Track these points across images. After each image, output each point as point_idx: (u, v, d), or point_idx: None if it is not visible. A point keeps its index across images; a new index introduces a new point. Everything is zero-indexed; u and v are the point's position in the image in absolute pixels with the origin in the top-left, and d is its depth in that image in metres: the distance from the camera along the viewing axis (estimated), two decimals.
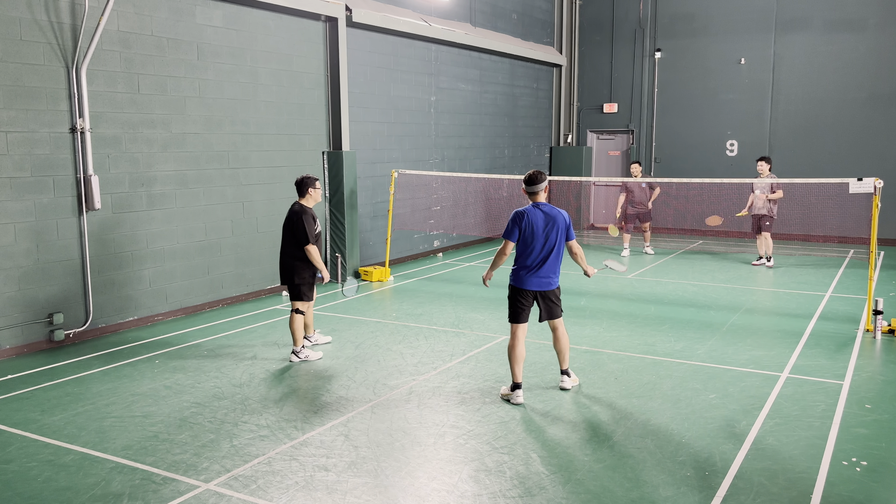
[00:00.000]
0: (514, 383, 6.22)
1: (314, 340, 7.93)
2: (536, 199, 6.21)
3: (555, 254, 6.16)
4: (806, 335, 8.29)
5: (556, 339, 6.47)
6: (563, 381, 6.53)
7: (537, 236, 6.09)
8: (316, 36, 11.18)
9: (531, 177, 6.18)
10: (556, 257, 6.19)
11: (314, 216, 7.46)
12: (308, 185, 7.40)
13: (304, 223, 7.21)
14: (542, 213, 6.14)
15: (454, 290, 10.97)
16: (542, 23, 17.76)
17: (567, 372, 6.55)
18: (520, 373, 6.22)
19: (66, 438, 5.55)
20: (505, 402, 6.23)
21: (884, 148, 15.17)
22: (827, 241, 15.37)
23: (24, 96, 7.65)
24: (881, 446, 5.29)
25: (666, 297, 10.41)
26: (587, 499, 4.56)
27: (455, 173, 13.26)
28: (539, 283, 6.18)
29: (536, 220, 6.10)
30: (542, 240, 6.10)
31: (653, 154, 17.70)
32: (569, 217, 6.29)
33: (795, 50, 15.88)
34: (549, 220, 6.12)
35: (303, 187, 7.41)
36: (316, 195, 7.47)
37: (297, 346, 7.45)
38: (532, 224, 6.09)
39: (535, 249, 6.11)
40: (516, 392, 6.18)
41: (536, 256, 6.12)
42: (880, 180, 8.43)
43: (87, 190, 8.21)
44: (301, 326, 7.44)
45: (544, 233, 6.10)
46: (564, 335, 6.48)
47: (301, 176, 7.49)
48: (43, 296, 7.96)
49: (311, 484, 4.78)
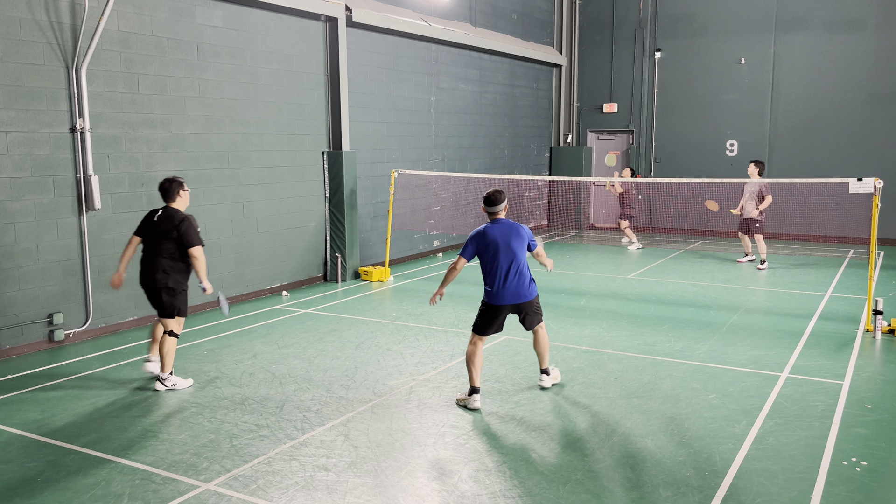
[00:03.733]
0: (472, 388, 6.17)
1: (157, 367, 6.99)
2: (496, 218, 6.27)
3: (521, 267, 6.18)
4: (806, 335, 8.29)
5: (537, 341, 6.51)
6: (542, 380, 6.60)
7: (501, 251, 6.11)
8: (316, 36, 11.18)
9: (490, 197, 6.23)
10: (523, 269, 6.21)
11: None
12: (178, 187, 6.69)
13: (195, 225, 6.58)
14: (501, 229, 6.18)
15: (454, 290, 10.97)
16: (542, 23, 17.76)
17: (546, 371, 6.62)
18: (478, 378, 6.19)
19: (66, 438, 5.55)
20: (462, 407, 6.13)
21: (884, 148, 15.17)
22: (827, 241, 15.38)
23: (24, 96, 7.65)
24: (881, 446, 5.29)
25: (666, 297, 10.41)
26: (587, 499, 4.56)
27: (455, 173, 13.26)
28: (515, 296, 6.19)
29: (497, 237, 6.14)
30: (506, 254, 6.12)
31: (653, 154, 17.70)
32: (528, 229, 6.34)
33: (795, 50, 15.89)
34: (508, 234, 6.17)
35: (173, 190, 6.66)
36: (186, 198, 6.75)
37: (166, 373, 6.66)
38: (493, 241, 6.13)
39: (501, 265, 6.12)
40: (473, 396, 6.14)
41: (504, 272, 6.13)
42: (880, 180, 8.42)
43: (87, 190, 8.21)
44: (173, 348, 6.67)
45: (509, 247, 6.12)
46: (544, 337, 6.51)
47: (170, 178, 6.72)
48: (43, 296, 7.96)
49: (311, 484, 4.78)
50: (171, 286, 6.51)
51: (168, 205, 6.67)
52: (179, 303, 6.60)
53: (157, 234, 6.52)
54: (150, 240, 6.58)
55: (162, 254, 6.50)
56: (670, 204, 16.84)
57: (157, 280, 6.49)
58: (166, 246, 6.49)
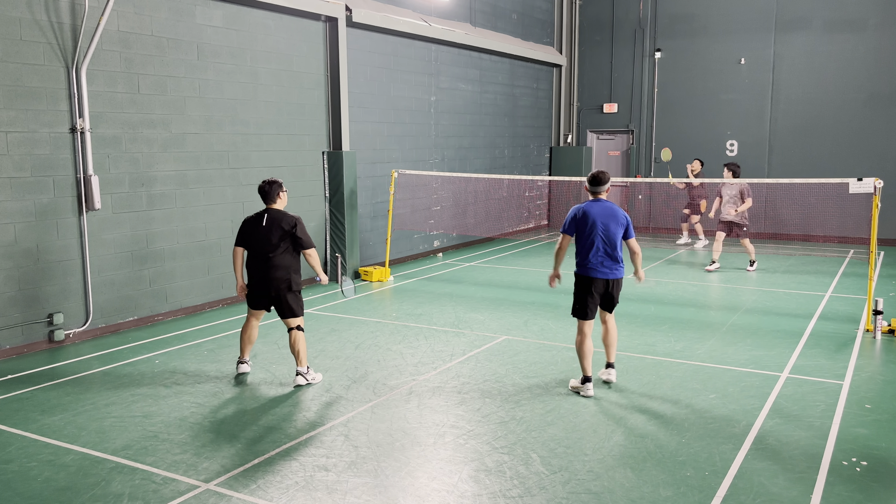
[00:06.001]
0: (585, 376, 6.43)
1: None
2: (598, 197, 6.49)
3: (612, 245, 6.37)
4: (806, 335, 8.29)
5: (606, 331, 6.70)
6: (610, 374, 6.72)
7: (598, 229, 6.33)
8: (316, 36, 11.18)
9: (595, 177, 6.45)
10: (615, 249, 6.39)
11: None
12: (278, 188, 6.74)
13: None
14: (599, 208, 6.39)
15: (454, 290, 10.97)
16: (542, 23, 17.76)
17: (612, 364, 6.76)
18: (589, 366, 6.43)
19: (66, 438, 5.55)
20: (575, 393, 6.43)
21: (884, 148, 15.17)
22: (827, 241, 15.37)
23: (24, 96, 7.65)
24: (881, 446, 5.29)
25: (666, 297, 10.41)
26: (587, 499, 4.56)
27: (455, 173, 13.26)
28: (605, 272, 6.37)
29: (595, 216, 6.35)
30: (601, 231, 6.33)
31: (653, 154, 17.70)
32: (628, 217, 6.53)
33: (795, 50, 15.89)
34: (606, 214, 6.37)
35: (273, 192, 6.71)
36: (285, 198, 6.84)
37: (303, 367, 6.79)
38: (592, 219, 6.35)
39: (597, 244, 6.33)
40: (587, 385, 6.39)
41: (597, 248, 6.33)
42: (880, 180, 8.42)
43: (87, 190, 8.21)
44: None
45: (607, 228, 6.34)
46: (613, 328, 6.70)
47: (269, 180, 6.75)
48: (43, 296, 7.96)
49: (311, 484, 4.78)
50: (294, 288, 6.66)
51: (270, 207, 6.71)
52: (301, 300, 6.77)
53: (271, 237, 6.56)
54: (261, 245, 6.59)
55: (278, 256, 6.56)
56: (670, 204, 16.84)
57: (280, 284, 6.58)
58: (282, 248, 6.57)
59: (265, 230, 6.60)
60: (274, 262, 6.57)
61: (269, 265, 6.58)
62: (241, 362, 7.05)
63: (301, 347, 6.69)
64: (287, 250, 6.61)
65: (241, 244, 6.79)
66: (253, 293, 6.78)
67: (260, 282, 6.65)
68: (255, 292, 6.74)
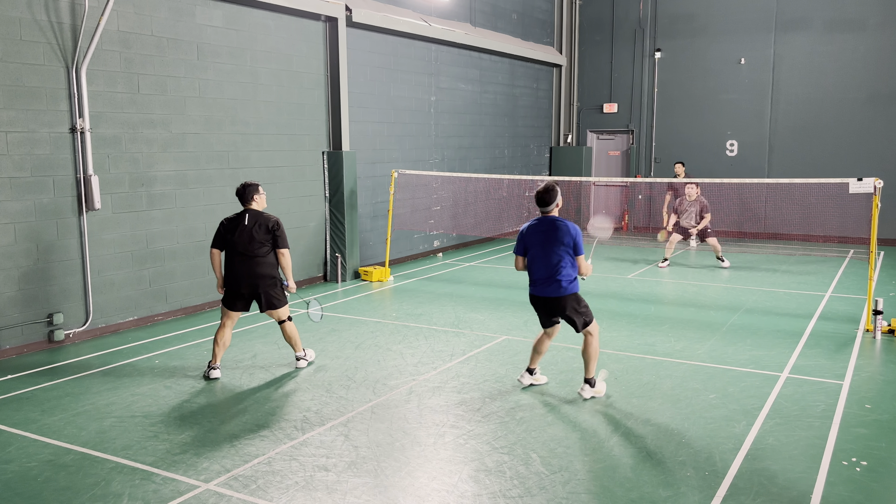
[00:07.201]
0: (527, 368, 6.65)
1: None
2: (546, 214, 6.29)
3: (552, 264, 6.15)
4: (806, 335, 8.29)
5: (583, 345, 6.44)
6: (584, 390, 6.39)
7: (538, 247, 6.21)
8: (316, 36, 11.18)
9: (540, 197, 6.22)
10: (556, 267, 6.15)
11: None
12: (253, 191, 6.92)
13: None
14: (544, 226, 6.20)
15: (454, 290, 10.97)
16: (542, 23, 17.76)
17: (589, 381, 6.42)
18: (533, 362, 6.64)
19: (66, 438, 5.55)
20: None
21: (884, 148, 15.17)
22: (827, 241, 15.37)
23: (24, 96, 7.65)
24: (881, 446, 5.29)
25: (666, 297, 10.41)
26: (587, 499, 4.56)
27: (455, 173, 13.26)
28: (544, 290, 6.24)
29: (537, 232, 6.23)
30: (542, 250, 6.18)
31: (653, 154, 17.70)
32: (578, 231, 6.22)
33: (795, 50, 15.88)
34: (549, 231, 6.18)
35: (248, 194, 6.90)
36: (263, 199, 6.99)
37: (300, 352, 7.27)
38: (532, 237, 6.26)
39: (538, 261, 6.21)
40: (524, 372, 6.65)
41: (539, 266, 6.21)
42: (880, 180, 8.43)
43: (87, 190, 8.21)
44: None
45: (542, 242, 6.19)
46: (590, 344, 6.33)
47: (244, 183, 6.99)
48: (43, 296, 7.96)
49: (311, 484, 4.78)
50: (279, 284, 6.92)
51: (247, 208, 6.88)
52: (284, 293, 7.00)
53: (250, 236, 6.73)
54: (245, 244, 6.74)
55: (258, 255, 6.76)
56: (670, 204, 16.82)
57: (266, 280, 6.79)
58: (261, 247, 6.75)
59: (248, 229, 6.77)
60: (260, 260, 6.78)
61: (255, 263, 6.77)
62: (213, 367, 6.98)
63: (294, 335, 7.10)
64: (270, 249, 6.83)
65: (219, 246, 6.90)
66: (231, 294, 6.88)
67: (242, 281, 6.78)
68: (234, 292, 6.86)
